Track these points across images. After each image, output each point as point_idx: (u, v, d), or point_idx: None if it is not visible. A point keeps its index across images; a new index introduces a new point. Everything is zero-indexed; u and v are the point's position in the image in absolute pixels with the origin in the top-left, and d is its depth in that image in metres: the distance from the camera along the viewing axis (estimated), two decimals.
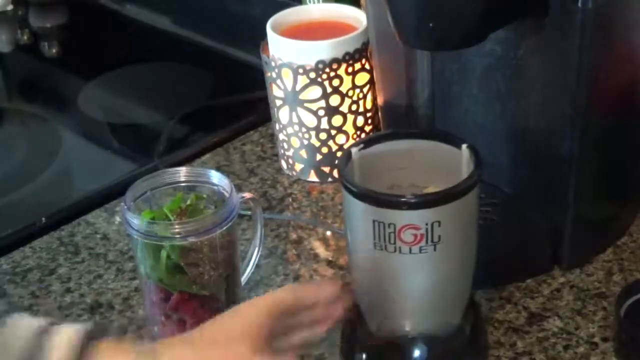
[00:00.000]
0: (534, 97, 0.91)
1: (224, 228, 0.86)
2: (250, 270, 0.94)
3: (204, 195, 0.89)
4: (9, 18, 1.59)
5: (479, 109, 0.95)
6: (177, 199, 0.88)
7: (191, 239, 0.85)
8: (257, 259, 0.95)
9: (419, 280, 0.81)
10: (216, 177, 0.89)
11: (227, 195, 0.87)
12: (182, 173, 0.90)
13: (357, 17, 1.10)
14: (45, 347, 0.69)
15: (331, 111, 1.08)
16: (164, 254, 0.85)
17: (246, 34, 1.33)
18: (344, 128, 1.09)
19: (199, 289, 0.87)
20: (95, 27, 1.57)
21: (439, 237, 0.78)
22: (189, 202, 0.88)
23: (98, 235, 1.05)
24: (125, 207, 0.86)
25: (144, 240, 0.85)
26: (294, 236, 1.03)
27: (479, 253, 0.83)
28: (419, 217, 0.77)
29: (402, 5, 0.84)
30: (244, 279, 0.94)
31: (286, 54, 1.07)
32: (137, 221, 0.85)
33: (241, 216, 1.05)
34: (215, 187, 0.89)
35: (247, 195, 0.92)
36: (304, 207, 1.08)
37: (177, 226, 0.85)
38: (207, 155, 1.17)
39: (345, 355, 0.87)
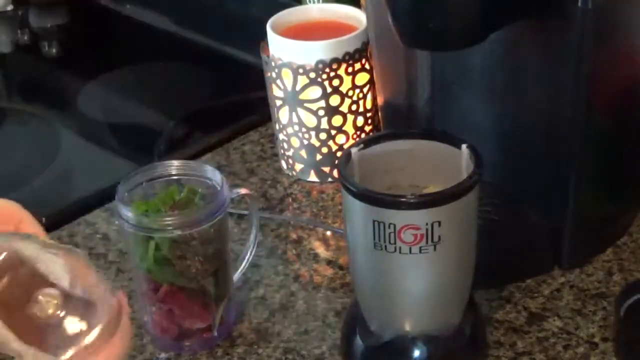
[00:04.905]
0: (534, 97, 0.91)
1: (213, 222, 0.86)
2: (245, 265, 0.94)
3: (198, 189, 0.89)
4: (9, 18, 1.59)
5: (479, 109, 0.95)
6: (170, 191, 0.88)
7: (179, 232, 0.85)
8: (252, 255, 0.94)
9: (419, 280, 0.81)
10: (208, 171, 0.89)
11: (218, 189, 0.88)
12: (175, 166, 0.90)
13: (357, 17, 1.10)
14: None
15: (331, 111, 1.08)
16: (152, 245, 0.85)
17: (246, 34, 1.33)
18: (344, 128, 1.09)
19: (186, 282, 0.87)
20: (95, 27, 1.57)
21: (439, 237, 0.77)
22: (182, 195, 0.88)
23: (98, 235, 1.05)
24: (117, 198, 0.86)
25: (133, 231, 0.85)
26: (293, 236, 1.03)
27: (479, 253, 0.83)
28: (419, 217, 0.77)
29: (402, 5, 0.84)
30: (238, 274, 0.93)
31: (286, 54, 1.06)
32: (126, 212, 0.85)
33: (241, 216, 1.05)
34: (208, 181, 0.89)
35: (242, 191, 0.91)
36: (304, 207, 1.08)
37: (165, 218, 0.85)
38: (207, 155, 1.17)
39: (345, 355, 0.87)
